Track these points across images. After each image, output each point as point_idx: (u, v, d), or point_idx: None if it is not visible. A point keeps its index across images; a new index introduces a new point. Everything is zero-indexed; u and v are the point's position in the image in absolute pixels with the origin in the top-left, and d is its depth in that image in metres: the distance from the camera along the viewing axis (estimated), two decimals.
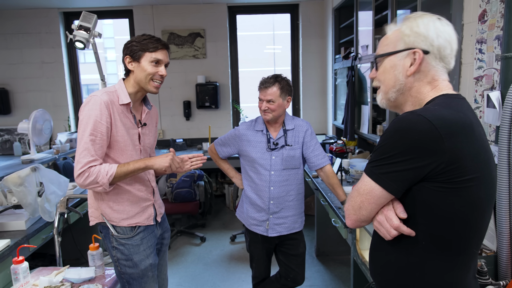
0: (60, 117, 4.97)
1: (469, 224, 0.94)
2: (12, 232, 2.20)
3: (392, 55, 1.02)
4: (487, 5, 1.77)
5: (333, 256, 3.51)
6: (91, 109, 1.60)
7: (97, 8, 4.80)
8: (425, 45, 0.98)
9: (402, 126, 0.91)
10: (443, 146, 0.87)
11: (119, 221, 1.75)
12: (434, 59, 0.99)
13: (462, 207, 0.92)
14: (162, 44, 1.70)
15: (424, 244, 0.96)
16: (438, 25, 0.98)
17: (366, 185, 0.97)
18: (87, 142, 1.58)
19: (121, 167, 1.64)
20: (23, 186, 2.15)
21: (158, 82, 1.72)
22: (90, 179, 1.59)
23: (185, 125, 5.15)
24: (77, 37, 2.31)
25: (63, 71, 4.95)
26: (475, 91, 1.88)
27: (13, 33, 4.83)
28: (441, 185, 0.90)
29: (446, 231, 0.93)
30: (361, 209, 0.99)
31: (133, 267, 1.76)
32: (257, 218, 2.22)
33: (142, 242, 1.78)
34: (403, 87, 1.02)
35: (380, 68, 1.06)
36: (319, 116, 5.19)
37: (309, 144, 2.23)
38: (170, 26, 4.92)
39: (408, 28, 1.00)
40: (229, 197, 4.94)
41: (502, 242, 1.45)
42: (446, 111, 0.91)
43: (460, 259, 0.96)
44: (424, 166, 0.89)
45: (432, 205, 0.93)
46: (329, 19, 4.65)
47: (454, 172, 0.89)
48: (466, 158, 0.89)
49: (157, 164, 1.69)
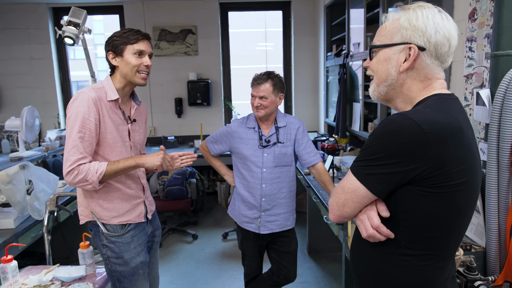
0: (49, 114, 4.90)
1: (449, 227, 0.95)
2: (0, 230, 2.17)
3: (388, 48, 0.99)
4: (477, 3, 1.78)
5: (324, 253, 3.53)
6: (78, 106, 1.58)
7: (87, 3, 4.74)
8: (421, 41, 0.94)
9: (391, 129, 0.89)
10: (430, 151, 0.86)
11: (109, 219, 1.73)
12: (429, 57, 0.95)
13: (444, 211, 0.92)
14: (142, 35, 1.68)
15: (403, 244, 0.97)
16: (438, 20, 0.93)
17: (351, 184, 0.97)
18: (76, 140, 1.57)
19: (111, 165, 1.63)
20: (12, 184, 2.12)
21: (144, 73, 1.70)
22: (80, 177, 1.57)
23: (177, 122, 5.12)
24: (66, 33, 2.28)
25: (52, 68, 4.88)
26: (465, 89, 1.90)
27: (1, 29, 4.74)
28: (425, 189, 0.90)
29: (426, 233, 0.95)
30: (344, 206, 0.99)
31: (124, 265, 1.75)
32: (249, 215, 2.22)
33: (132, 239, 1.77)
34: (394, 82, 1.00)
35: (375, 58, 1.03)
36: (311, 114, 5.20)
37: (301, 141, 2.23)
38: (161, 22, 4.87)
39: (406, 20, 0.95)
40: (221, 194, 4.93)
41: (490, 239, 1.47)
42: (437, 114, 0.90)
43: (437, 259, 0.98)
44: (410, 170, 0.88)
45: (415, 208, 0.93)
46: (321, 16, 4.66)
47: (440, 178, 0.88)
48: (453, 164, 0.88)
49: (149, 162, 1.68)
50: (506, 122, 1.38)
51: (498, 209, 1.45)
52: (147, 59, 1.70)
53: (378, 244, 1.01)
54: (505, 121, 1.39)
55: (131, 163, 1.66)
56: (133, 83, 1.71)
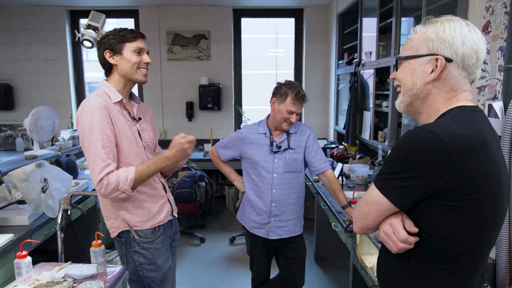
0: (63, 114, 4.99)
1: (473, 242, 0.93)
2: (15, 227, 2.22)
3: (413, 59, 0.99)
4: (491, 16, 1.80)
5: (331, 260, 3.52)
6: (89, 114, 1.55)
7: (104, 7, 4.84)
8: (448, 53, 0.94)
9: (413, 141, 0.90)
10: (452, 164, 0.86)
11: (142, 224, 1.72)
12: (456, 68, 0.95)
13: (468, 225, 0.91)
14: (139, 34, 1.68)
15: (427, 257, 0.96)
16: (466, 32, 0.94)
17: (374, 197, 0.98)
18: (96, 148, 1.53)
19: (141, 170, 1.58)
20: (28, 182, 2.17)
21: (145, 70, 1.70)
22: (111, 187, 1.53)
23: (187, 125, 5.17)
24: (85, 36, 2.33)
25: (67, 69, 4.98)
26: (477, 101, 1.91)
27: (19, 30, 4.86)
28: (448, 202, 0.89)
29: (450, 247, 0.93)
30: (367, 219, 1.01)
31: (156, 271, 1.74)
32: (259, 221, 2.23)
33: (162, 245, 1.77)
34: (419, 92, 1.00)
35: (400, 69, 1.04)
36: (321, 121, 5.21)
37: (311, 148, 2.25)
38: (175, 27, 4.95)
39: (433, 32, 0.96)
40: (229, 198, 4.96)
41: (501, 250, 1.47)
42: (458, 127, 0.89)
43: (463, 275, 0.96)
44: (433, 183, 0.88)
45: (438, 221, 0.92)
46: (333, 24, 4.68)
47: (463, 190, 0.87)
48: (476, 177, 0.88)
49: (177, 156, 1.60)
50: None
51: (509, 221, 1.46)
52: (146, 56, 1.69)
53: (402, 257, 1.00)
54: None
55: (161, 164, 1.61)
56: (134, 80, 1.69)
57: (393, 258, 1.04)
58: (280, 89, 2.16)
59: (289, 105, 2.12)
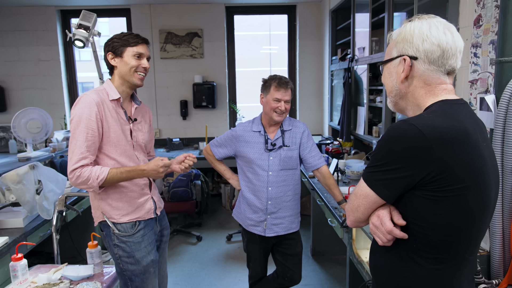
0: (56, 115, 4.95)
1: (460, 231, 0.95)
2: (10, 229, 2.20)
3: (388, 63, 1.08)
4: (482, 10, 1.81)
5: (328, 255, 3.54)
6: (81, 107, 1.65)
7: (95, 6, 4.80)
8: (412, 51, 1.00)
9: (394, 135, 0.94)
10: (433, 155, 0.89)
11: (119, 217, 1.77)
12: (423, 64, 1.00)
13: (452, 215, 0.93)
14: (142, 39, 1.78)
15: (415, 247, 0.99)
16: (425, 30, 0.99)
17: (362, 190, 1.02)
18: (78, 140, 1.62)
19: (113, 174, 1.67)
20: (22, 184, 2.15)
21: (142, 74, 1.79)
22: (81, 180, 1.62)
23: (182, 124, 5.16)
24: (76, 36, 2.32)
25: (59, 69, 4.94)
26: (469, 94, 1.92)
27: (10, 30, 4.81)
28: (431, 193, 0.92)
29: (436, 237, 0.96)
30: (357, 212, 1.05)
31: (135, 264, 1.79)
32: (255, 218, 2.24)
33: (143, 239, 1.81)
34: (399, 92, 1.06)
35: (383, 74, 1.12)
36: (315, 117, 5.22)
37: (306, 145, 2.25)
38: (168, 25, 4.92)
39: (398, 35, 1.04)
40: (225, 196, 4.96)
41: (494, 242, 1.49)
42: (439, 119, 0.93)
43: (451, 263, 0.98)
44: (415, 174, 0.91)
45: (422, 212, 0.95)
46: (326, 20, 4.69)
47: (445, 181, 0.90)
48: (458, 167, 0.90)
49: (149, 173, 1.72)
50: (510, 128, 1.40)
51: (502, 213, 1.47)
52: (145, 61, 1.79)
53: (392, 247, 1.03)
54: (509, 127, 1.40)
55: (133, 175, 1.71)
56: (131, 82, 1.78)
57: (383, 249, 1.06)
58: (265, 83, 2.20)
59: (274, 93, 2.13)
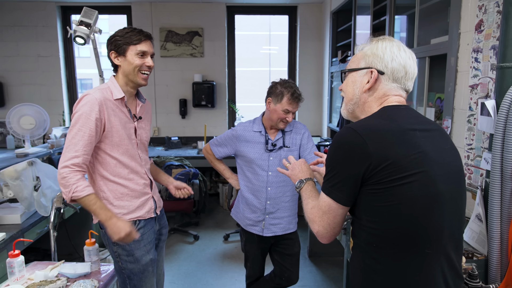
0: (55, 111, 4.94)
1: (410, 222, 0.98)
2: (7, 226, 2.19)
3: (355, 71, 1.15)
4: (484, 15, 1.81)
5: (325, 257, 3.54)
6: (82, 105, 1.63)
7: (96, 3, 4.79)
8: (380, 66, 1.09)
9: (336, 140, 1.04)
10: (368, 150, 0.97)
11: (120, 216, 1.76)
12: (387, 80, 1.10)
13: (398, 205, 0.97)
14: (145, 36, 1.72)
15: (374, 246, 1.02)
16: (395, 50, 1.09)
17: (324, 201, 1.07)
18: (75, 137, 1.60)
19: (89, 200, 1.59)
20: (20, 180, 2.14)
21: (146, 73, 1.75)
22: (64, 181, 1.58)
23: (181, 123, 5.15)
24: (77, 33, 2.31)
25: (59, 65, 4.92)
26: (470, 99, 1.93)
27: (9, 26, 4.79)
28: (374, 186, 0.98)
29: (390, 230, 0.99)
30: (329, 225, 1.08)
31: (134, 262, 1.78)
32: (253, 218, 2.24)
33: (142, 237, 1.81)
34: (358, 101, 1.15)
35: (345, 81, 1.20)
36: (314, 118, 5.23)
37: (306, 146, 2.25)
38: (168, 23, 4.91)
39: (369, 49, 1.13)
40: (223, 196, 4.96)
41: (492, 247, 1.49)
42: (373, 120, 1.05)
43: (411, 258, 0.99)
44: (358, 170, 0.98)
45: (370, 207, 1.00)
46: (327, 22, 4.69)
47: (383, 173, 0.96)
48: (393, 159, 0.96)
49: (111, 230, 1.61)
50: (510, 133, 1.41)
51: (500, 218, 1.48)
52: (149, 59, 1.74)
53: (357, 249, 1.08)
54: (509, 132, 1.41)
55: (101, 216, 1.60)
56: (135, 82, 1.75)
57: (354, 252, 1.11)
58: (276, 89, 2.15)
59: (286, 105, 2.11)
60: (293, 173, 1.38)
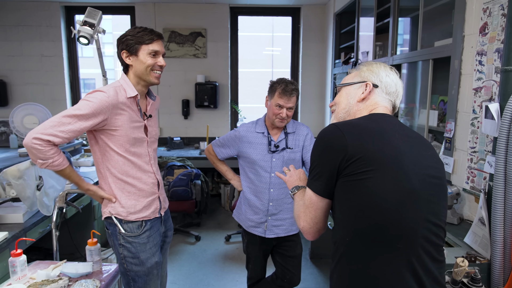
0: (58, 111, 4.88)
1: (380, 214, 1.00)
2: (9, 225, 2.20)
3: (350, 85, 1.25)
4: (488, 18, 1.81)
5: (327, 259, 3.53)
6: (93, 97, 1.59)
7: (99, 3, 4.80)
8: (375, 80, 1.21)
9: (319, 135, 1.11)
10: (345, 142, 1.03)
11: (126, 215, 1.76)
12: (381, 92, 1.20)
13: (369, 195, 1.00)
14: (156, 35, 1.72)
15: (347, 240, 1.05)
16: (388, 69, 1.23)
17: (307, 195, 1.13)
18: (67, 119, 1.55)
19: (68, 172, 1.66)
20: (22, 179, 2.15)
21: (158, 72, 1.75)
22: (34, 152, 1.52)
23: (183, 123, 5.16)
24: (81, 33, 2.32)
25: (62, 65, 4.94)
26: (473, 102, 1.92)
27: (13, 25, 4.81)
28: (348, 178, 1.03)
29: (360, 220, 1.02)
30: (312, 220, 1.14)
31: (140, 265, 1.78)
32: (256, 219, 2.24)
33: (148, 240, 1.80)
34: (350, 109, 1.23)
35: (338, 94, 1.29)
36: (317, 120, 5.22)
37: (309, 148, 2.25)
38: (172, 24, 4.92)
39: (364, 67, 1.25)
40: (225, 197, 4.96)
41: (495, 251, 1.49)
42: (356, 120, 1.13)
43: (381, 251, 1.00)
44: (333, 160, 1.04)
45: (345, 199, 1.04)
46: (330, 23, 4.69)
47: (356, 164, 1.01)
48: (367, 153, 1.02)
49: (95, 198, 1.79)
50: None
51: (504, 222, 1.47)
52: (161, 59, 1.74)
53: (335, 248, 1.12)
54: None
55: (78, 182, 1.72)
56: (147, 81, 1.74)
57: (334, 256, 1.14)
58: (272, 86, 2.17)
59: (277, 99, 2.10)
60: (290, 179, 1.42)
